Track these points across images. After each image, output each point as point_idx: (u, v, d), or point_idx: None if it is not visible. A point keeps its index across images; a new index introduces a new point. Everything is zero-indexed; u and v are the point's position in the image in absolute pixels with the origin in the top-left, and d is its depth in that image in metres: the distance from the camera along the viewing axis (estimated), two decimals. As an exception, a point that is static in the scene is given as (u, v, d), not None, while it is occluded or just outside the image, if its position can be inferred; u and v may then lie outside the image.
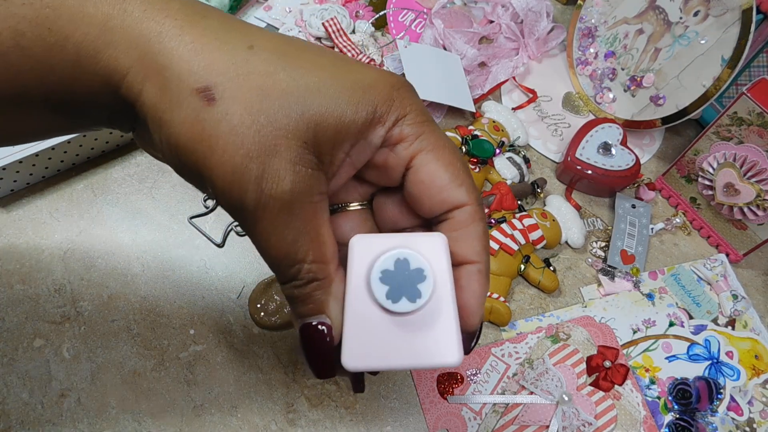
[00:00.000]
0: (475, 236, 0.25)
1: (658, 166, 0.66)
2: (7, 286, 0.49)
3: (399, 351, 0.23)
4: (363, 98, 0.23)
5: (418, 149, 0.24)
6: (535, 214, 0.57)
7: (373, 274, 0.23)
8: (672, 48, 0.63)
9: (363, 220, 0.28)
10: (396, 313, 0.23)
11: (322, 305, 0.24)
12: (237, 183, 0.21)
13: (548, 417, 0.47)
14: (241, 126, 0.21)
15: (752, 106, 0.52)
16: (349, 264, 0.24)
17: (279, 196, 0.22)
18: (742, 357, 0.53)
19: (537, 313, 0.54)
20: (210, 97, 0.21)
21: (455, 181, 0.24)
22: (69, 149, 0.53)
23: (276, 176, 0.21)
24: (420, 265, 0.23)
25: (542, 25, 0.69)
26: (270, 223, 0.22)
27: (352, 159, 0.24)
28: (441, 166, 0.24)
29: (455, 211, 0.25)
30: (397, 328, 0.23)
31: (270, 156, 0.21)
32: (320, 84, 0.22)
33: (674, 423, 0.49)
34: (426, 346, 0.23)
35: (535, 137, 0.66)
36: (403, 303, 0.23)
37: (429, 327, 0.23)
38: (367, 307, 0.23)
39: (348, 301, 0.23)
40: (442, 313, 0.23)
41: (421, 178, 0.24)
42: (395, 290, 0.23)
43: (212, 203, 0.55)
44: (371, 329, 0.23)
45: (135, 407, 0.45)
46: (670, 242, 0.61)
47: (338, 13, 0.67)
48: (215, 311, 0.50)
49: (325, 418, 0.46)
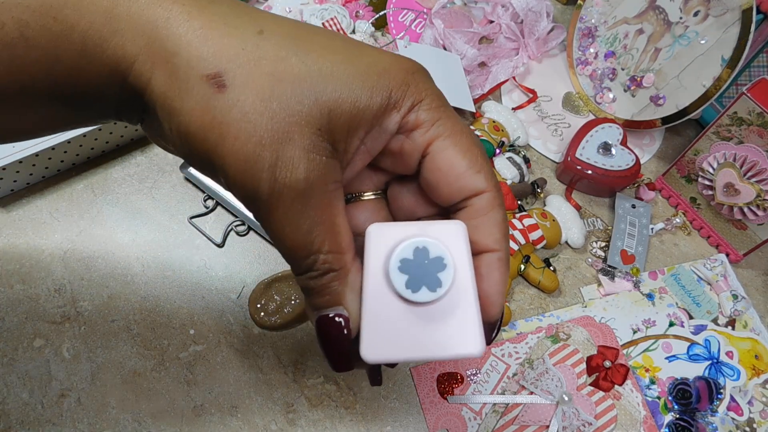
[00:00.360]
0: (494, 224, 0.24)
1: (658, 166, 0.66)
2: (7, 286, 0.49)
3: (419, 342, 0.22)
4: (377, 83, 0.22)
5: (434, 135, 0.24)
6: (535, 214, 0.57)
7: (391, 263, 0.22)
8: (672, 48, 0.63)
9: (378, 209, 0.28)
10: (416, 303, 0.22)
11: (339, 296, 0.23)
12: (250, 171, 0.21)
13: (548, 417, 0.47)
14: (253, 113, 0.21)
15: (752, 106, 0.52)
16: (366, 254, 0.23)
17: (293, 185, 0.21)
18: (742, 357, 0.53)
19: (537, 313, 0.54)
20: (220, 84, 0.21)
21: (473, 168, 0.24)
22: (69, 149, 0.53)
23: (290, 164, 0.21)
24: (440, 254, 0.22)
25: (542, 25, 0.69)
26: (284, 213, 0.22)
27: (367, 146, 0.24)
28: (459, 152, 0.24)
29: (473, 198, 0.24)
30: (417, 318, 0.22)
31: (283, 143, 0.21)
32: (333, 69, 0.22)
33: (674, 423, 0.49)
34: (447, 337, 0.22)
35: (535, 137, 0.66)
36: (423, 293, 0.22)
37: (450, 317, 0.22)
38: (386, 297, 0.22)
39: (366, 292, 0.23)
40: (463, 302, 0.23)
41: (438, 165, 0.24)
42: (415, 279, 0.22)
43: (212, 203, 0.55)
44: (390, 320, 0.22)
45: (135, 407, 0.45)
46: (670, 242, 0.61)
47: (338, 13, 0.67)
48: (215, 311, 0.50)
49: (325, 418, 0.46)
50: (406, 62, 0.24)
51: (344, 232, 0.23)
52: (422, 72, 0.24)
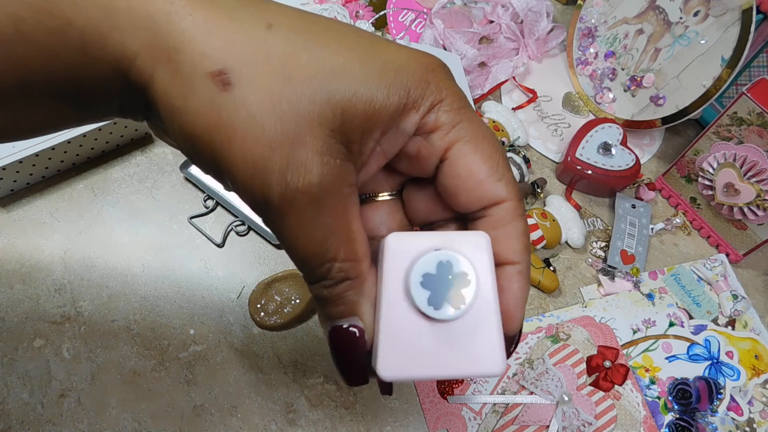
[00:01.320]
0: (515, 235, 0.23)
1: (658, 166, 0.66)
2: (7, 286, 0.49)
3: (438, 360, 0.21)
4: (395, 81, 0.21)
5: (454, 139, 0.22)
6: (535, 214, 0.57)
7: (412, 277, 0.21)
8: (672, 48, 0.63)
9: (393, 211, 0.26)
10: (437, 320, 0.21)
11: (355, 306, 0.22)
12: (259, 176, 0.20)
13: (548, 417, 0.47)
14: (262, 113, 0.19)
15: (752, 106, 0.52)
16: (384, 264, 0.22)
17: (306, 190, 0.20)
18: (742, 357, 0.53)
19: (537, 313, 0.54)
20: (226, 82, 0.20)
21: (494, 176, 0.22)
22: (69, 149, 0.53)
23: (302, 168, 0.20)
24: (464, 269, 0.21)
25: (542, 25, 0.69)
26: (297, 220, 0.20)
27: (383, 148, 0.22)
28: (480, 158, 0.22)
29: (494, 207, 0.23)
30: (437, 335, 0.21)
31: (294, 146, 0.20)
32: (347, 65, 0.20)
33: (674, 423, 0.49)
34: (468, 355, 0.21)
35: (535, 137, 0.66)
36: (445, 309, 0.21)
37: (471, 334, 0.21)
38: (404, 312, 0.21)
39: (383, 306, 0.21)
40: (486, 319, 0.22)
41: (457, 171, 0.23)
42: (437, 296, 0.21)
43: (212, 203, 0.55)
44: (408, 336, 0.21)
45: (135, 407, 0.45)
46: (670, 242, 0.61)
47: (338, 13, 0.67)
48: (215, 311, 0.50)
49: (325, 418, 0.46)
50: (426, 58, 0.22)
51: (360, 239, 0.22)
52: (443, 68, 0.23)
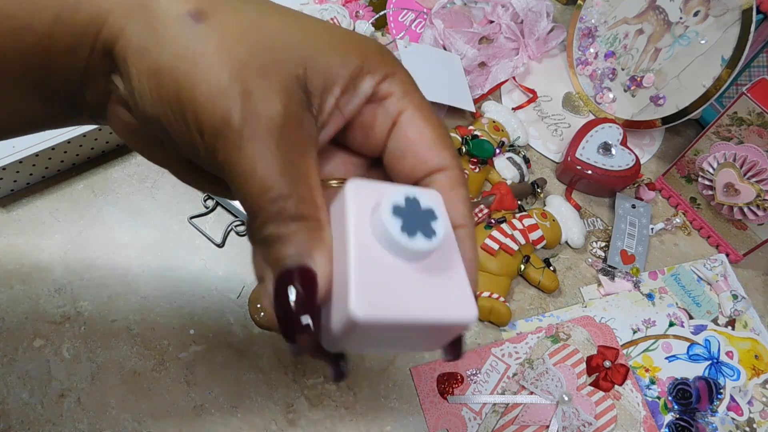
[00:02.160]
0: (460, 200, 0.24)
1: (658, 166, 0.66)
2: (7, 286, 0.49)
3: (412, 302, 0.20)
4: (353, 49, 0.23)
5: (405, 105, 0.24)
6: (535, 214, 0.57)
7: (383, 208, 0.20)
8: (672, 48, 0.63)
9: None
10: (409, 255, 0.21)
11: (311, 249, 0.20)
12: (223, 97, 0.20)
13: (548, 417, 0.47)
14: (232, 42, 0.20)
15: (752, 106, 0.52)
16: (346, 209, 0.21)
17: (269, 115, 0.20)
18: (742, 357, 0.53)
19: (537, 313, 0.54)
20: (201, 14, 0.20)
21: (441, 143, 0.24)
22: (69, 149, 0.53)
23: (266, 97, 0.20)
24: (431, 205, 0.21)
25: (542, 25, 0.69)
26: (256, 147, 0.20)
27: (341, 108, 0.23)
28: (428, 125, 0.24)
29: (438, 174, 0.24)
30: (410, 274, 0.21)
31: (261, 77, 0.20)
32: (312, 29, 0.22)
33: (674, 423, 0.49)
34: (440, 297, 0.21)
35: (535, 137, 0.66)
36: (419, 239, 0.20)
37: (442, 276, 0.21)
38: (375, 251, 0.20)
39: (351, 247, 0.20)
40: (454, 263, 0.22)
41: (407, 134, 0.24)
42: (410, 224, 0.20)
43: (212, 203, 0.55)
44: (381, 275, 0.20)
45: (135, 407, 0.45)
46: (670, 242, 0.61)
47: (338, 13, 0.67)
48: (215, 311, 0.50)
49: (325, 418, 0.46)
50: (381, 45, 0.24)
51: (318, 190, 0.21)
52: (393, 54, 0.25)
